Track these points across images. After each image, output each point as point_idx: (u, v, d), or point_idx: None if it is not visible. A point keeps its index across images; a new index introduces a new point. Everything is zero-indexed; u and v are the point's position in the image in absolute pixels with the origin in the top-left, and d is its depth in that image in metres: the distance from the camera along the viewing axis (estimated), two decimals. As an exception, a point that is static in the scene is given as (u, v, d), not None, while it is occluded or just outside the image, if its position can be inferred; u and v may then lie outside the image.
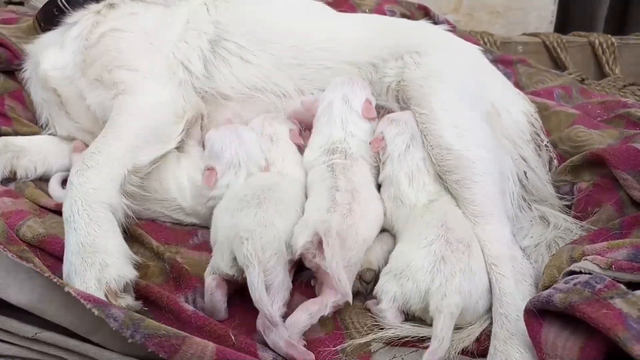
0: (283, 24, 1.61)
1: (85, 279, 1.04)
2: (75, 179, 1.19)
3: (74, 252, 1.09)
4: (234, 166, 1.33)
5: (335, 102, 1.43)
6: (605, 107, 1.81)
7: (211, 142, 1.36)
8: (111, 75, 1.41)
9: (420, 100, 1.41)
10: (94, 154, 1.24)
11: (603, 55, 2.55)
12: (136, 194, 1.30)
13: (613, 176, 1.33)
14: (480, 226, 1.21)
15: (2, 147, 1.47)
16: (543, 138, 1.57)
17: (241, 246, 1.05)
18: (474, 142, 1.33)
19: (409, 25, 1.76)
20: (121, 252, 1.12)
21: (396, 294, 1.10)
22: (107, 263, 1.07)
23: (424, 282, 1.07)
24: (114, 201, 1.20)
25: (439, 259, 1.09)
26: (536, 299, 0.90)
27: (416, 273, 1.09)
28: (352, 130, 1.39)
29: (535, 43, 2.57)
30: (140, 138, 1.33)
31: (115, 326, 0.85)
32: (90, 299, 0.87)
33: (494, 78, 1.66)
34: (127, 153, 1.28)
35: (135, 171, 1.30)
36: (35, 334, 0.91)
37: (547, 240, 1.29)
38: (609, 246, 0.97)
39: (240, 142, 1.35)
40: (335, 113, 1.42)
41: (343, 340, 1.08)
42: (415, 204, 1.27)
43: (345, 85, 1.47)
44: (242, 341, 1.00)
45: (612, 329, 0.77)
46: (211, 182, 1.31)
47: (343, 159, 1.33)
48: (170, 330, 0.89)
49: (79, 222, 1.12)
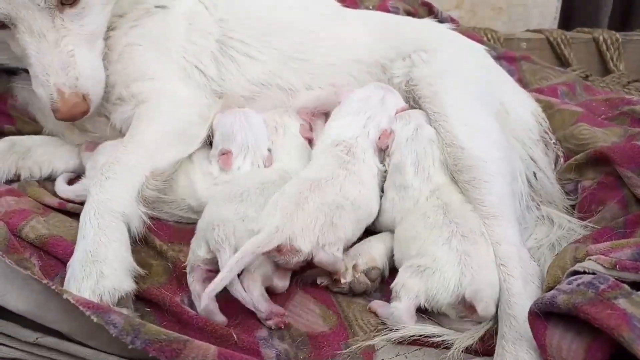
0: (287, 19, 1.60)
1: (81, 288, 1.03)
2: (92, 189, 1.19)
3: (78, 260, 1.08)
4: (244, 150, 1.36)
5: (373, 97, 1.44)
6: (609, 105, 1.81)
7: (223, 125, 1.39)
8: (129, 90, 1.40)
9: (432, 99, 1.41)
10: (113, 164, 1.23)
11: (607, 52, 2.53)
12: (153, 197, 1.29)
13: (617, 174, 1.33)
14: (490, 227, 1.20)
15: (9, 148, 1.48)
16: (551, 136, 1.56)
17: (212, 232, 1.09)
18: (486, 142, 1.32)
19: (414, 24, 1.76)
20: (121, 262, 1.10)
21: (420, 290, 1.10)
22: (104, 274, 1.05)
23: (454, 274, 1.08)
24: (128, 210, 1.19)
25: (462, 253, 1.11)
26: (540, 301, 0.90)
27: (443, 266, 1.10)
28: (370, 132, 1.39)
29: (538, 39, 2.55)
30: (162, 142, 1.33)
31: (115, 332, 0.85)
32: (89, 306, 0.87)
33: (501, 77, 1.66)
34: (146, 159, 1.27)
35: (156, 175, 1.29)
36: (37, 339, 0.92)
37: (550, 241, 1.29)
38: (613, 246, 0.97)
39: (250, 126, 1.39)
40: (369, 106, 1.42)
41: (347, 335, 1.09)
42: (419, 194, 1.27)
43: (385, 89, 1.48)
44: (245, 339, 1.00)
45: (617, 329, 0.76)
46: (229, 164, 1.34)
47: (345, 154, 1.33)
48: (171, 334, 0.89)
49: (88, 230, 1.12)
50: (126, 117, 1.41)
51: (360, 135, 1.37)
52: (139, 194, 1.23)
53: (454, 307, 1.09)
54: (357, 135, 1.37)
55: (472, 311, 1.07)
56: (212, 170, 1.37)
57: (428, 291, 1.09)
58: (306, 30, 1.60)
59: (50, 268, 1.15)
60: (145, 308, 1.09)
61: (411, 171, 1.30)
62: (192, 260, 1.14)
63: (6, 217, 1.23)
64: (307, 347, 1.05)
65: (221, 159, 1.36)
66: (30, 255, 1.16)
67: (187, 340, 0.88)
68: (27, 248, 1.17)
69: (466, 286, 1.07)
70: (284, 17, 1.61)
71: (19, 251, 1.11)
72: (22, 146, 1.50)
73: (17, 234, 1.19)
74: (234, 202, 1.20)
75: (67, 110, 1.27)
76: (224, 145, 1.37)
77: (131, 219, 1.19)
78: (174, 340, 0.87)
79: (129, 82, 1.40)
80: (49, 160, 1.53)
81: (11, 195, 1.36)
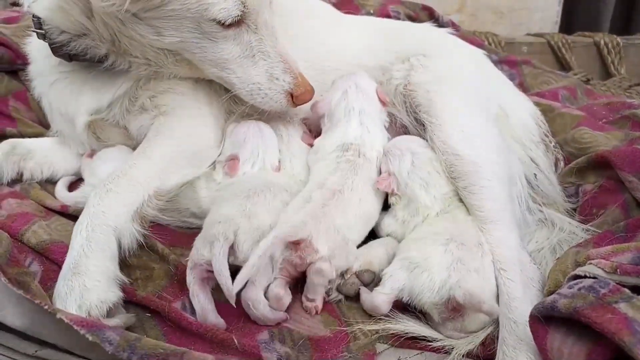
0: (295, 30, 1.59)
1: (67, 304, 1.00)
2: (91, 200, 1.17)
3: (62, 275, 1.06)
4: (253, 156, 1.36)
5: (349, 90, 1.45)
6: (610, 109, 1.81)
7: (236, 133, 1.39)
8: (154, 101, 1.37)
9: (428, 108, 1.41)
10: (118, 177, 1.21)
11: (608, 56, 2.54)
12: (152, 216, 1.26)
13: (618, 178, 1.33)
14: (488, 232, 1.21)
15: (10, 150, 1.47)
16: (551, 139, 1.57)
17: (212, 228, 1.11)
18: (482, 147, 1.33)
19: (414, 28, 1.77)
20: (104, 273, 1.06)
21: (405, 285, 1.11)
22: (87, 287, 1.02)
23: (439, 276, 1.09)
24: (121, 226, 1.16)
25: (455, 259, 1.11)
26: (541, 305, 0.90)
27: (433, 267, 1.10)
28: (369, 127, 1.41)
29: (539, 43, 2.56)
30: (172, 162, 1.30)
31: (110, 350, 0.85)
32: (83, 324, 0.87)
33: (500, 81, 1.67)
34: (152, 177, 1.25)
35: (160, 195, 1.27)
36: (36, 352, 0.93)
37: (551, 244, 1.29)
38: (614, 250, 0.97)
39: (262, 136, 1.40)
40: (351, 99, 1.43)
41: (348, 339, 1.09)
42: (430, 211, 1.28)
43: (352, 76, 1.50)
44: (246, 344, 1.01)
45: (618, 333, 0.76)
46: (235, 170, 1.34)
47: (356, 157, 1.34)
48: (168, 347, 0.89)
49: (76, 242, 1.10)
50: (143, 126, 1.38)
51: (362, 133, 1.39)
52: (136, 211, 1.21)
53: (437, 307, 1.09)
54: (360, 134, 1.38)
55: (454, 314, 1.08)
56: (215, 177, 1.37)
57: (413, 288, 1.10)
58: (311, 39, 1.61)
59: (52, 273, 1.14)
60: (146, 314, 1.09)
61: (422, 194, 1.30)
62: (195, 257, 1.13)
63: (9, 221, 1.23)
64: (308, 351, 1.06)
65: (228, 164, 1.35)
66: (32, 260, 1.17)
67: (184, 352, 0.88)
68: (28, 253, 1.18)
69: (451, 285, 1.08)
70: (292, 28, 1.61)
71: (19, 264, 1.10)
72: (23, 148, 1.50)
73: (18, 239, 1.19)
74: (239, 197, 1.21)
75: (310, 89, 1.35)
76: (233, 152, 1.37)
77: (123, 234, 1.16)
78: (171, 353, 0.87)
79: (155, 92, 1.37)
80: (50, 162, 1.52)
81: (14, 198, 1.36)
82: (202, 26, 1.20)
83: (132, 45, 1.25)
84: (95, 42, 1.26)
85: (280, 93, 1.33)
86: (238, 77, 1.31)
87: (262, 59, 1.30)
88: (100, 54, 1.29)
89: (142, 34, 1.21)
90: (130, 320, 1.05)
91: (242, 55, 1.28)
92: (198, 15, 1.17)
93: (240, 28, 1.25)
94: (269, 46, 1.30)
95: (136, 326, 1.06)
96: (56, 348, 0.94)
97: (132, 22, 1.19)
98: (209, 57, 1.27)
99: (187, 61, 1.31)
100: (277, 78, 1.32)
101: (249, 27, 1.26)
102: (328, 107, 1.46)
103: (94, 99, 1.37)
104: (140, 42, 1.24)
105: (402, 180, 1.31)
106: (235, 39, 1.26)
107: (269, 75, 1.31)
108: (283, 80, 1.32)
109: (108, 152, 1.43)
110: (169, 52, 1.28)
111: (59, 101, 1.43)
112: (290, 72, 1.32)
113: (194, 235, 1.34)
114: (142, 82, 1.36)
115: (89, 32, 1.25)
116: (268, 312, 1.09)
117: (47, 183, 1.53)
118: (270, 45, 1.30)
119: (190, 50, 1.26)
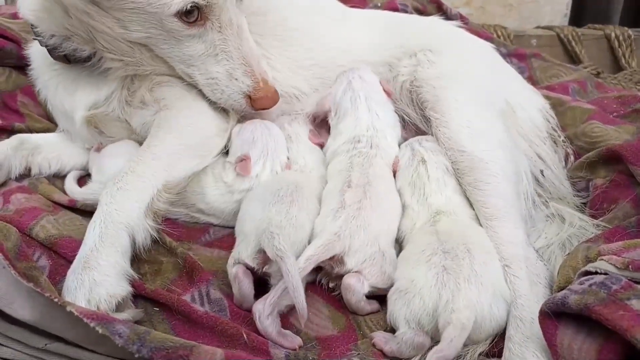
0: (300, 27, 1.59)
1: (77, 299, 1.01)
2: (103, 199, 1.18)
3: (73, 269, 1.07)
4: (264, 156, 1.36)
5: (353, 81, 1.46)
6: (621, 102, 1.80)
7: (244, 133, 1.39)
8: (153, 94, 1.37)
9: (434, 104, 1.41)
10: (126, 174, 1.22)
11: (619, 49, 2.50)
12: (163, 210, 1.26)
13: (630, 172, 1.31)
14: (493, 229, 1.20)
15: (18, 145, 1.48)
16: (560, 134, 1.55)
17: (272, 240, 1.08)
18: (488, 143, 1.32)
19: (421, 22, 1.75)
20: (114, 268, 1.07)
21: (406, 314, 1.03)
22: (96, 281, 1.03)
23: (430, 298, 1.01)
24: (134, 222, 1.16)
25: (440, 270, 1.04)
26: (551, 301, 0.89)
27: (421, 289, 1.03)
28: (377, 112, 1.41)
29: (549, 36, 2.52)
30: (178, 154, 1.31)
31: (120, 342, 0.85)
32: (93, 317, 0.88)
33: (507, 75, 1.65)
34: (160, 171, 1.26)
35: (169, 188, 1.27)
36: (45, 345, 0.93)
37: (561, 240, 1.28)
38: (626, 246, 0.96)
39: (270, 134, 1.39)
40: (356, 88, 1.44)
41: (356, 337, 1.09)
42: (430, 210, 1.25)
43: (355, 69, 1.51)
44: (254, 339, 1.00)
45: (630, 330, 0.75)
46: (248, 170, 1.33)
47: (369, 148, 1.34)
48: (178, 341, 0.89)
49: (89, 238, 1.11)
50: (146, 122, 1.39)
51: (372, 119, 1.39)
52: (148, 207, 1.21)
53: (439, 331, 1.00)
54: (370, 121, 1.39)
55: None
56: (226, 179, 1.35)
57: (413, 314, 1.02)
58: (317, 35, 1.60)
59: (60, 267, 1.15)
60: (154, 307, 1.09)
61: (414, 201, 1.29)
62: (236, 258, 1.14)
63: (17, 216, 1.23)
64: (316, 348, 1.05)
65: (239, 165, 1.34)
66: (41, 255, 1.17)
67: (193, 346, 0.88)
68: (37, 248, 1.18)
69: (441, 310, 0.99)
70: (298, 25, 1.60)
71: (28, 258, 1.11)
72: (31, 143, 1.51)
73: (27, 234, 1.20)
74: (284, 203, 1.19)
75: (272, 96, 1.35)
76: (243, 151, 1.36)
77: (136, 231, 1.17)
78: (181, 347, 0.87)
79: (153, 84, 1.37)
80: (58, 156, 1.53)
81: (22, 193, 1.37)
82: (165, 23, 1.22)
83: (106, 40, 1.26)
84: (78, 43, 1.28)
85: (238, 93, 1.34)
86: (201, 74, 1.33)
87: (224, 59, 1.31)
88: (85, 55, 1.31)
89: (110, 26, 1.23)
90: (139, 315, 1.05)
91: (206, 53, 1.30)
92: (160, 11, 1.18)
93: (205, 27, 1.26)
94: (232, 47, 1.30)
95: (144, 320, 1.06)
96: (66, 342, 0.94)
97: (99, 14, 1.21)
98: (176, 53, 1.30)
99: (162, 57, 1.33)
100: (237, 79, 1.32)
101: (213, 24, 1.27)
102: (333, 100, 1.46)
103: (91, 94, 1.38)
104: (111, 36, 1.25)
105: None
106: (201, 37, 1.28)
107: (229, 75, 1.32)
108: (242, 82, 1.33)
109: (114, 147, 1.43)
110: (142, 47, 1.30)
111: (57, 99, 1.45)
112: (252, 75, 1.33)
113: (202, 229, 1.37)
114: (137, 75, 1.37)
115: (71, 34, 1.27)
116: (273, 332, 1.04)
117: (55, 178, 1.53)
118: (234, 46, 1.30)
119: (158, 47, 1.29)
